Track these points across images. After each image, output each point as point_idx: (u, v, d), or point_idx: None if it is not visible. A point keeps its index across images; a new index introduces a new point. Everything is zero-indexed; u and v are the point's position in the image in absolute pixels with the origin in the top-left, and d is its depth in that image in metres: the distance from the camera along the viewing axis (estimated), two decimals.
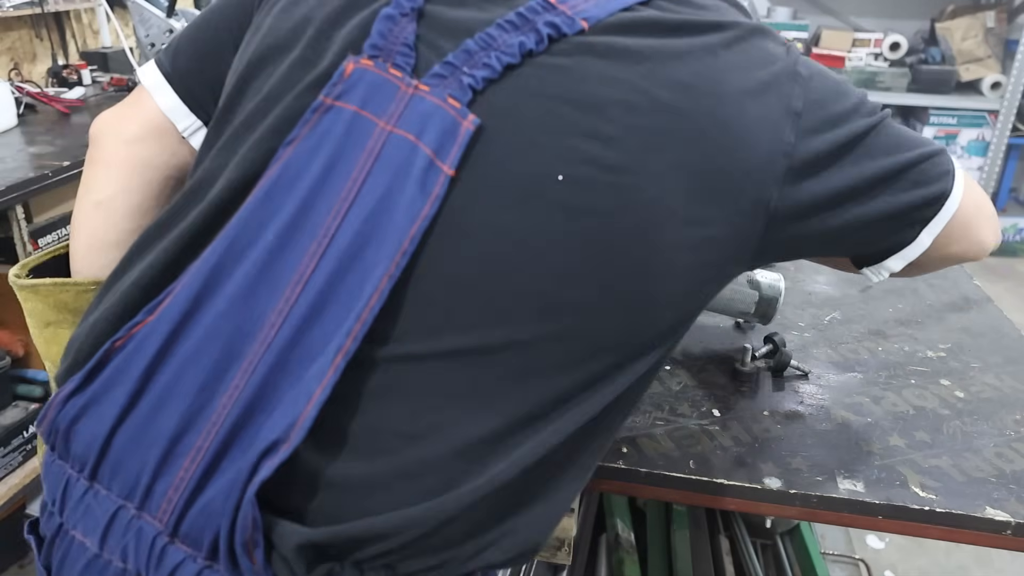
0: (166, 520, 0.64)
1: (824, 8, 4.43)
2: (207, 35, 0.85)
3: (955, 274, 1.53)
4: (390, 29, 0.71)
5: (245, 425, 0.64)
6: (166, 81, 0.86)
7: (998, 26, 4.05)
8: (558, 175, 0.66)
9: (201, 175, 0.74)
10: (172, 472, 0.64)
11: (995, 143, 4.00)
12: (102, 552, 0.67)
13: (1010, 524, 0.90)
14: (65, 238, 1.87)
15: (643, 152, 0.67)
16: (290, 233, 0.67)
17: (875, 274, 0.87)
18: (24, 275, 0.86)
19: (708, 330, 1.30)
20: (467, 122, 0.67)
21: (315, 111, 0.70)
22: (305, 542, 0.62)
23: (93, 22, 2.88)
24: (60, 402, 0.68)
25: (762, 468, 0.96)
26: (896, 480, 0.95)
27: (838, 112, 0.74)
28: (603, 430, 0.74)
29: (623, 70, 0.68)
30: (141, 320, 0.68)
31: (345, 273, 0.66)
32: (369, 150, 0.68)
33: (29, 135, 2.09)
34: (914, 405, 1.10)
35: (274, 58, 0.75)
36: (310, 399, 0.62)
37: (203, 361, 0.65)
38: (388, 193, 0.67)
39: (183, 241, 0.71)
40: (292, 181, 0.68)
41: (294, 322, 0.65)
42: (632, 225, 0.67)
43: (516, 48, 0.68)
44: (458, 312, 0.66)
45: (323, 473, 0.64)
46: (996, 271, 4.01)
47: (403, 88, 0.69)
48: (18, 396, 2.03)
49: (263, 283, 0.66)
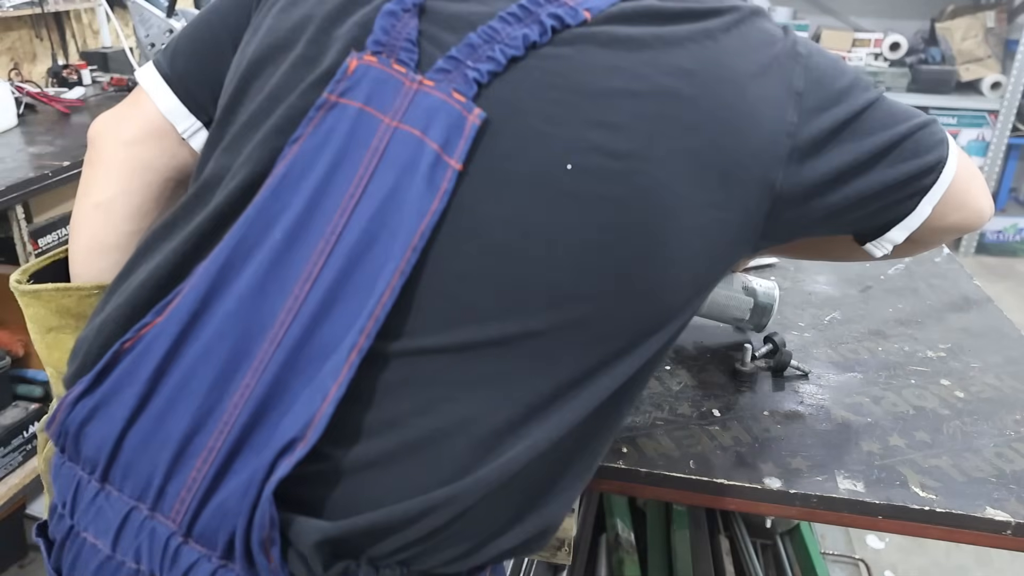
0: (179, 520, 0.64)
1: (824, 8, 4.43)
2: (206, 36, 0.85)
3: (955, 274, 1.53)
4: (392, 25, 0.71)
5: (257, 424, 0.64)
6: (165, 83, 0.85)
7: (998, 26, 4.05)
8: (566, 165, 0.67)
9: (207, 176, 0.74)
10: (185, 472, 0.64)
11: (995, 143, 4.00)
12: (115, 553, 0.67)
13: (1010, 524, 0.89)
14: (65, 238, 1.87)
15: (649, 138, 0.68)
16: (298, 231, 0.67)
17: (878, 248, 0.87)
18: (25, 280, 0.86)
19: (708, 330, 1.29)
20: (473, 116, 0.67)
21: (319, 109, 0.70)
22: (323, 538, 0.62)
23: (93, 22, 2.88)
24: (69, 404, 0.68)
25: (762, 468, 0.96)
26: (896, 480, 0.95)
27: (837, 89, 0.75)
28: (613, 415, 0.75)
29: (626, 58, 0.69)
30: (150, 321, 0.68)
31: (354, 270, 0.66)
32: (374, 147, 0.69)
33: (29, 135, 2.09)
34: (914, 405, 1.10)
35: (275, 57, 0.75)
36: (326, 397, 0.62)
37: (213, 361, 0.65)
38: (395, 189, 0.67)
39: (191, 242, 0.71)
40: (298, 179, 0.69)
41: (304, 320, 0.65)
42: (642, 212, 0.68)
43: (520, 40, 0.69)
44: (471, 305, 0.67)
45: (339, 468, 0.65)
46: (996, 271, 4.01)
47: (407, 84, 0.70)
48: (18, 396, 2.04)
49: (272, 282, 0.66)
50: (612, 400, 0.72)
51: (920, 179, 0.79)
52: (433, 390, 0.66)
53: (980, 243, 4.19)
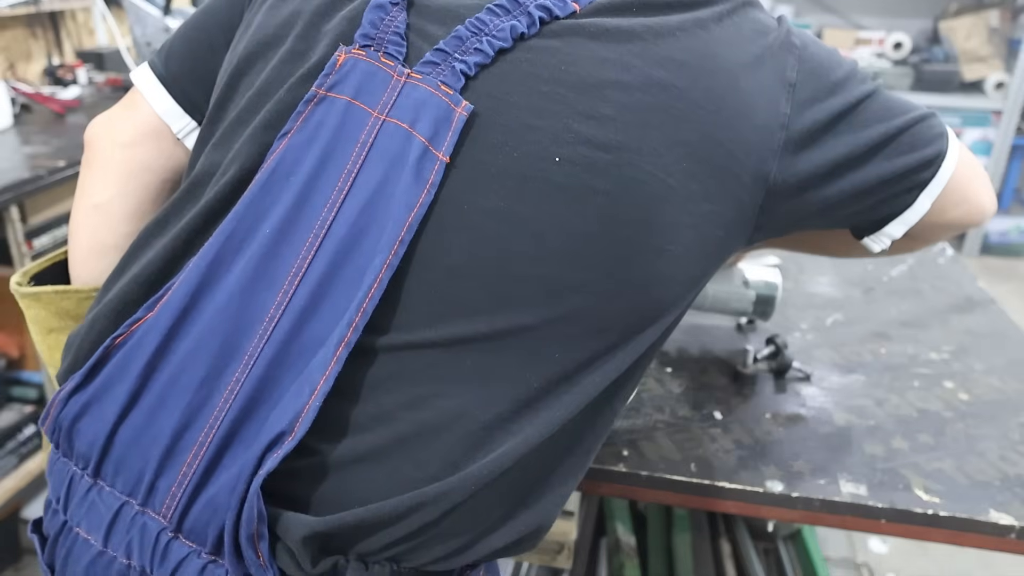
0: (170, 516, 0.64)
1: (827, 7, 4.42)
2: (200, 36, 0.85)
3: (958, 275, 1.52)
4: (381, 19, 0.71)
5: (247, 420, 0.64)
6: (160, 83, 0.85)
7: (1002, 25, 4.04)
8: (555, 157, 0.66)
9: (197, 173, 0.75)
10: (175, 468, 0.64)
11: (999, 143, 3.98)
12: (106, 548, 0.67)
13: (1014, 528, 0.89)
14: (61, 238, 1.86)
15: (640, 130, 0.67)
16: (287, 226, 0.67)
17: (876, 242, 0.86)
18: (26, 283, 0.87)
19: (709, 332, 1.28)
20: (460, 108, 0.67)
21: (308, 103, 0.70)
22: (310, 533, 0.62)
23: (89, 21, 2.87)
24: (62, 400, 0.69)
25: (764, 471, 0.95)
26: (899, 483, 0.94)
27: (833, 81, 0.75)
28: (605, 411, 0.74)
29: (615, 50, 0.69)
30: (141, 317, 0.68)
31: (342, 264, 0.66)
32: (363, 140, 0.69)
33: (24, 135, 2.08)
34: (917, 408, 1.09)
35: (264, 53, 0.75)
36: (313, 390, 0.63)
37: (203, 356, 0.66)
38: (384, 182, 0.67)
39: (181, 237, 0.72)
40: (287, 174, 0.69)
41: (292, 315, 0.65)
42: (632, 204, 0.67)
43: (507, 32, 0.69)
44: (460, 299, 0.66)
45: (327, 463, 0.65)
46: (1000, 272, 3.99)
47: (395, 77, 0.70)
48: (13, 398, 2.03)
49: (261, 277, 0.67)
50: (604, 396, 0.71)
51: (918, 173, 0.78)
52: (422, 385, 0.66)
53: (984, 244, 4.17)
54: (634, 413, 1.06)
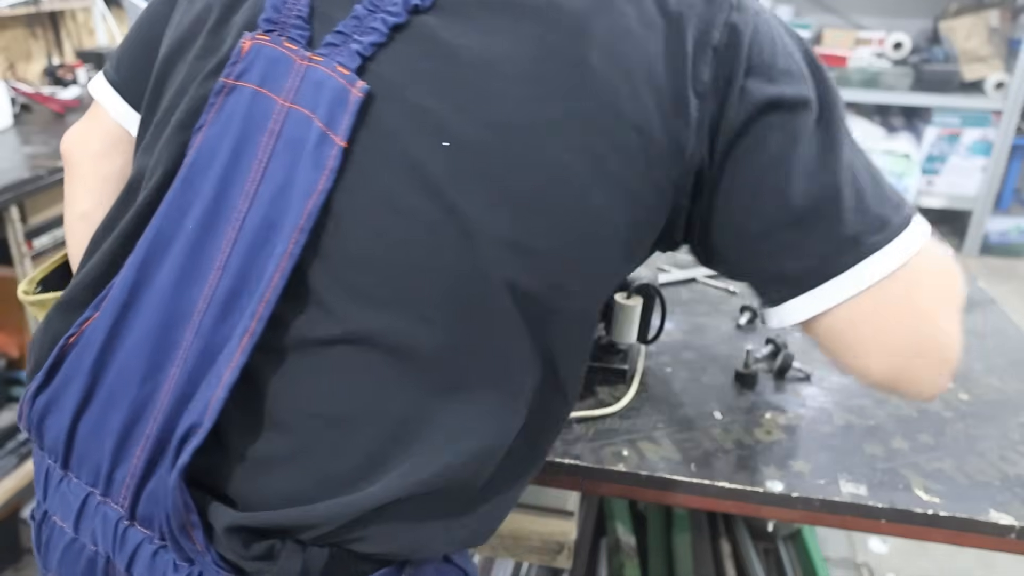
0: (125, 505, 0.67)
1: (826, 7, 4.41)
2: (144, 37, 0.85)
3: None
4: (283, 2, 0.70)
5: (180, 412, 0.65)
6: (114, 90, 0.86)
7: (1002, 25, 4.03)
8: (442, 142, 0.64)
9: (132, 177, 0.76)
10: (127, 460, 0.66)
11: (999, 143, 3.98)
12: (78, 535, 0.71)
13: (1014, 528, 0.88)
14: (61, 238, 1.86)
15: (532, 105, 0.64)
16: (209, 220, 0.67)
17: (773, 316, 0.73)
18: (32, 290, 0.89)
19: (709, 332, 1.28)
20: (356, 89, 0.65)
21: (219, 94, 0.69)
22: (235, 525, 0.63)
23: (89, 21, 2.87)
24: (29, 399, 0.71)
25: (764, 471, 0.95)
26: (899, 483, 0.94)
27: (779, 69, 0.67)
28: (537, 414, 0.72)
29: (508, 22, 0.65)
30: (89, 316, 0.70)
31: (256, 256, 0.65)
32: (271, 129, 0.67)
33: (24, 135, 2.09)
34: (917, 408, 1.09)
35: (182, 52, 0.75)
36: (220, 381, 0.63)
37: (144, 352, 0.67)
38: (291, 171, 0.66)
39: (118, 241, 0.72)
40: (205, 168, 0.68)
41: (215, 309, 0.65)
42: (530, 187, 0.64)
43: (400, 6, 0.66)
44: (365, 292, 0.65)
45: (248, 457, 0.66)
46: (1000, 272, 3.99)
47: (298, 61, 0.68)
48: (13, 398, 2.03)
49: (190, 272, 0.67)
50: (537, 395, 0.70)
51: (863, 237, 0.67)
52: (334, 382, 0.65)
53: (984, 244, 4.17)
54: (634, 413, 1.05)
